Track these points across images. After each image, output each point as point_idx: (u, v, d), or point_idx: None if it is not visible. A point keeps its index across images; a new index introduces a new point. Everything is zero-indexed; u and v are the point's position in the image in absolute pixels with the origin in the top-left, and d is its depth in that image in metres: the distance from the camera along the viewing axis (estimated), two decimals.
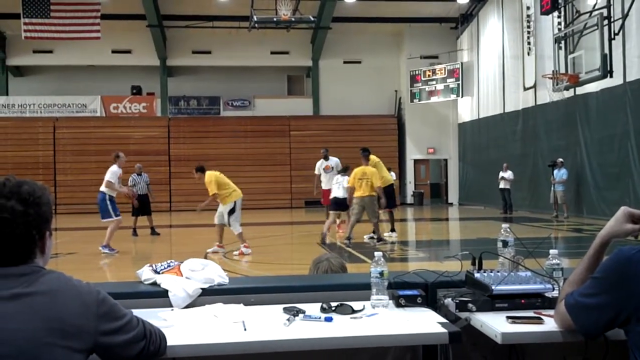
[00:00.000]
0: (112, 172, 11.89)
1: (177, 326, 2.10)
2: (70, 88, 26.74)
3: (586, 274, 1.93)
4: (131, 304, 2.09)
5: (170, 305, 2.37)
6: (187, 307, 2.37)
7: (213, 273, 2.53)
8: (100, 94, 26.74)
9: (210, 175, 11.52)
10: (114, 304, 1.75)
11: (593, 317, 1.83)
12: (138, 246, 14.50)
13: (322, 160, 15.37)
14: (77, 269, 10.05)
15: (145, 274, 2.55)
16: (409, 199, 27.23)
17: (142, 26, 25.27)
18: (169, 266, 2.57)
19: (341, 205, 13.24)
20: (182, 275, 2.50)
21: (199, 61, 27.25)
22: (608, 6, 15.24)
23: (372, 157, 13.73)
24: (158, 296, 2.40)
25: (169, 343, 1.88)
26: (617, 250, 1.80)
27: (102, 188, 11.86)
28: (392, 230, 13.79)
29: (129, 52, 26.84)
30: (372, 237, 13.17)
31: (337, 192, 13.33)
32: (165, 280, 2.46)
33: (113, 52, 26.36)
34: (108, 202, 11.79)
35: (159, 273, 2.53)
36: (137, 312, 1.86)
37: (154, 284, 2.49)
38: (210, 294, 2.44)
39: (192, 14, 25.28)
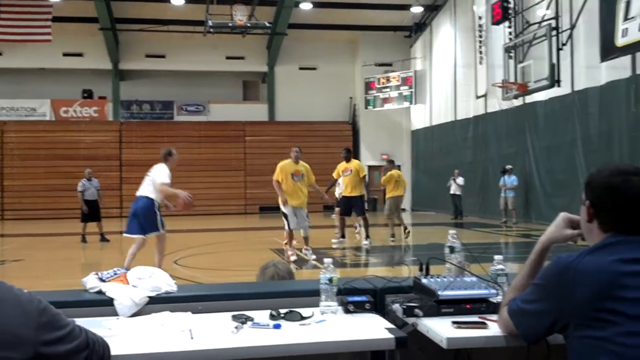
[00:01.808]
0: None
1: (122, 335, 2.06)
2: (19, 91, 26.04)
3: (528, 279, 1.95)
4: (75, 312, 2.05)
5: (116, 314, 2.33)
6: (133, 315, 2.33)
7: (161, 281, 2.50)
8: (50, 98, 26.13)
9: None
10: (56, 313, 1.72)
11: (533, 322, 1.85)
12: (87, 253, 14.22)
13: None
14: (23, 276, 9.82)
15: (91, 282, 2.50)
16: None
17: (94, 29, 24.84)
18: (115, 274, 2.53)
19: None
20: (128, 284, 2.46)
21: (152, 65, 26.89)
22: (556, 17, 15.64)
23: (355, 160, 13.65)
24: (103, 305, 2.36)
25: (113, 353, 1.84)
26: (556, 257, 1.83)
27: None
28: (367, 236, 13.70)
29: (80, 55, 26.31)
30: (341, 241, 13.24)
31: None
32: (111, 289, 2.42)
33: (64, 55, 25.79)
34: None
35: (104, 281, 2.49)
36: (82, 321, 1.82)
37: (99, 292, 2.45)
38: (157, 302, 2.40)
39: (146, 17, 24.97)
